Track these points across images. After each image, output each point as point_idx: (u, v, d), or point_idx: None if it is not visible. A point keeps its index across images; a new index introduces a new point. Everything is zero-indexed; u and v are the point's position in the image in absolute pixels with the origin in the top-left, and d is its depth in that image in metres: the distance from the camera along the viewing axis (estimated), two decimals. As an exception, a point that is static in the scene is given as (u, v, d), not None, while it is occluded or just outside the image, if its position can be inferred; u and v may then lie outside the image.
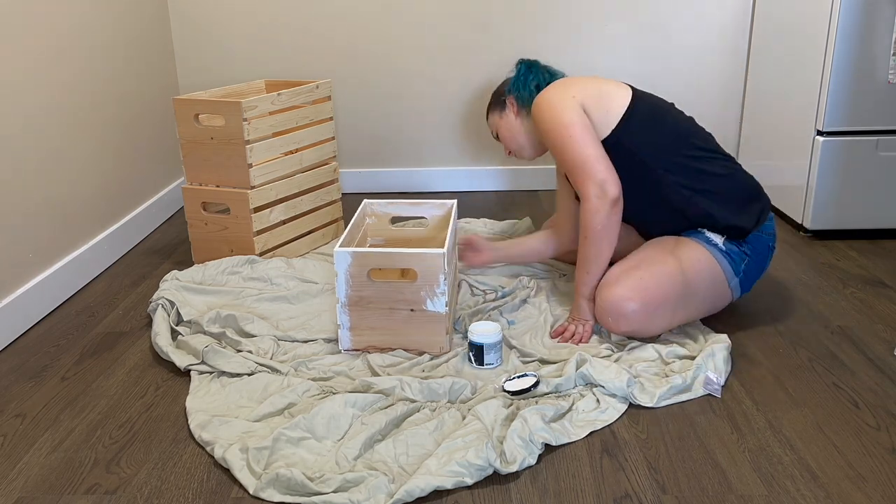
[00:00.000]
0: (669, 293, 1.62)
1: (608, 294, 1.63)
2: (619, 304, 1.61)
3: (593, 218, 1.66)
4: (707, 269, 1.66)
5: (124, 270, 2.22)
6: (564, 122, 1.68)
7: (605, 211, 1.65)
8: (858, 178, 2.23)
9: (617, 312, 1.61)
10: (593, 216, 1.66)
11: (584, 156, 1.66)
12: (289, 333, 1.73)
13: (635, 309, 1.60)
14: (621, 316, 1.61)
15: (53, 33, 2.01)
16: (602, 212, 1.65)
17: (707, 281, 1.66)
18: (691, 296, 1.65)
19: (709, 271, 1.67)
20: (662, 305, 1.61)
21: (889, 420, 1.42)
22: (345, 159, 2.93)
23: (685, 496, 1.23)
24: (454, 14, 2.74)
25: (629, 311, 1.60)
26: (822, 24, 2.17)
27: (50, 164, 1.98)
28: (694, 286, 1.64)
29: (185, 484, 1.28)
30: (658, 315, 1.62)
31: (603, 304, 1.64)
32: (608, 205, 1.65)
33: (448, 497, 1.24)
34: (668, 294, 1.62)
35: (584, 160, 1.66)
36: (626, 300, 1.60)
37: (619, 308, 1.61)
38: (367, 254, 1.60)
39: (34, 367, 1.68)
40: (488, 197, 2.85)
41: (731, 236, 1.71)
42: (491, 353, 1.58)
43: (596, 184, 1.65)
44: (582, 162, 1.66)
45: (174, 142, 2.75)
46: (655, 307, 1.61)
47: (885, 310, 1.86)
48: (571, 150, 1.67)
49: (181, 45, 2.80)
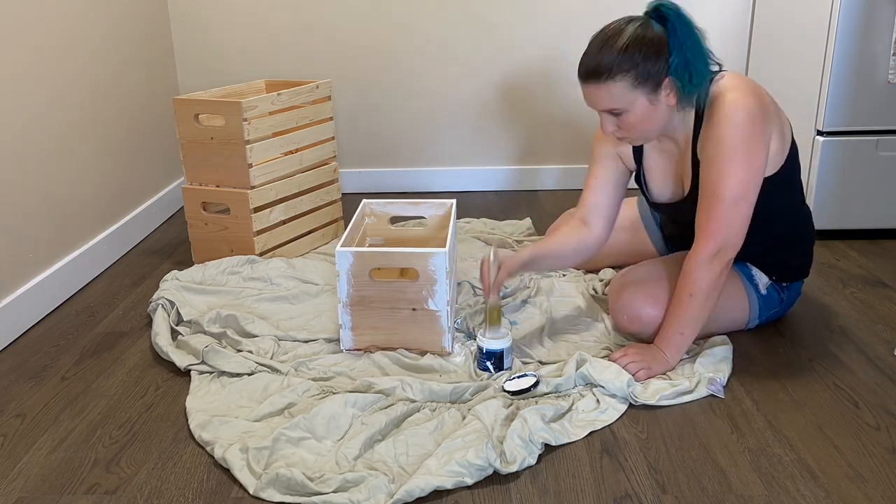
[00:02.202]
0: None
1: (631, 295, 1.62)
2: (639, 309, 1.60)
3: (705, 276, 1.48)
4: (735, 304, 1.64)
5: (124, 270, 2.22)
6: (752, 155, 1.43)
7: (719, 271, 1.49)
8: (858, 178, 2.23)
9: (634, 315, 1.61)
10: (705, 274, 1.48)
11: (738, 209, 1.45)
12: (289, 333, 1.73)
13: (653, 315, 1.60)
14: (637, 319, 1.61)
15: (53, 33, 2.01)
16: (715, 271, 1.49)
17: (728, 316, 1.65)
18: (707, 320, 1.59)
19: (735, 308, 1.65)
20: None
21: (889, 420, 1.42)
22: (345, 159, 2.93)
23: (685, 496, 1.23)
24: (454, 14, 2.74)
25: (646, 316, 1.60)
26: (822, 24, 2.17)
27: (50, 163, 1.98)
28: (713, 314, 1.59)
29: (185, 484, 1.28)
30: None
31: (621, 303, 1.63)
32: (723, 266, 1.49)
33: (448, 497, 1.24)
34: None
35: (733, 213, 1.45)
36: (647, 306, 1.60)
37: (637, 311, 1.61)
38: (369, 253, 1.60)
39: (34, 367, 1.68)
40: (488, 197, 2.85)
41: (781, 279, 1.67)
42: (508, 357, 1.58)
43: (722, 244, 1.47)
44: (730, 213, 1.45)
45: (174, 142, 2.75)
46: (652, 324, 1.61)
47: (885, 310, 1.86)
48: (729, 193, 1.44)
49: (181, 45, 2.80)
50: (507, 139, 2.88)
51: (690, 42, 1.40)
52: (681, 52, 1.39)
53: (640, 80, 1.41)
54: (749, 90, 1.46)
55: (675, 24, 1.39)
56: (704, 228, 1.49)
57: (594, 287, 1.94)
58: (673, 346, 1.54)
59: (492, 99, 2.83)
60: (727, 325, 1.68)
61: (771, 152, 1.50)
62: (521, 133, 2.87)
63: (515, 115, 2.84)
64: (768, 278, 1.67)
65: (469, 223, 2.47)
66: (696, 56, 1.40)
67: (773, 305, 1.70)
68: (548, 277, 2.01)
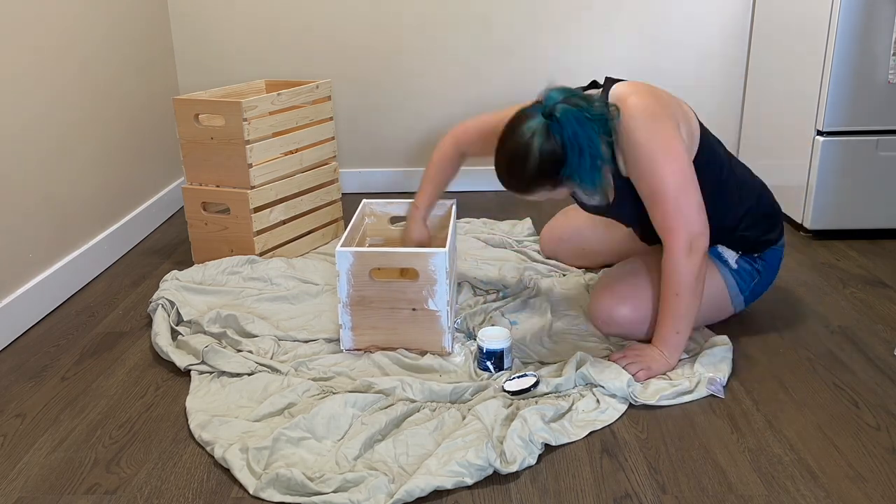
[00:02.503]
0: None
1: (600, 299, 1.67)
2: (611, 310, 1.65)
3: (685, 270, 1.50)
4: (710, 284, 1.64)
5: (124, 270, 2.22)
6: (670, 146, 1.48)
7: (698, 262, 1.50)
8: (858, 178, 2.23)
9: (608, 317, 1.66)
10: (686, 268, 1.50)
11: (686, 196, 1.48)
12: (289, 333, 1.73)
13: (625, 315, 1.63)
14: (611, 320, 1.66)
15: (53, 33, 2.01)
16: (695, 263, 1.50)
17: (708, 299, 1.64)
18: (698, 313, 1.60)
19: (710, 288, 1.64)
20: (653, 313, 1.62)
21: (889, 420, 1.42)
22: (345, 159, 2.93)
23: (685, 496, 1.23)
24: (454, 13, 2.74)
25: (619, 317, 1.64)
26: (822, 24, 2.17)
27: (50, 163, 1.98)
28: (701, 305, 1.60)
29: (185, 484, 1.28)
30: (649, 323, 1.63)
31: (595, 308, 1.68)
32: (700, 256, 1.50)
33: (448, 497, 1.24)
34: None
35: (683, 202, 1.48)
36: (619, 306, 1.64)
37: (609, 313, 1.65)
38: (369, 253, 1.60)
39: (34, 367, 1.68)
40: (488, 197, 2.85)
41: (748, 251, 1.68)
42: (508, 357, 1.58)
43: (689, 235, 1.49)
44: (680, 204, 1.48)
45: (174, 142, 2.75)
46: (646, 315, 1.63)
47: (885, 310, 1.86)
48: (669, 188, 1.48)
49: (181, 45, 2.80)
50: (507, 139, 2.88)
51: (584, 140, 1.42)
52: (583, 156, 1.42)
53: (555, 183, 1.47)
54: (639, 95, 1.50)
55: (565, 129, 1.42)
56: (664, 229, 1.51)
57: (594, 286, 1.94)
58: (671, 345, 1.55)
59: (492, 99, 2.83)
60: (712, 306, 1.68)
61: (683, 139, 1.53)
62: (521, 133, 2.87)
63: (515, 115, 2.84)
64: (735, 252, 1.68)
65: (469, 223, 2.47)
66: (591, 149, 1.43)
67: (750, 277, 1.69)
68: (548, 277, 2.01)
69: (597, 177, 1.45)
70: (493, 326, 1.63)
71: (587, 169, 1.43)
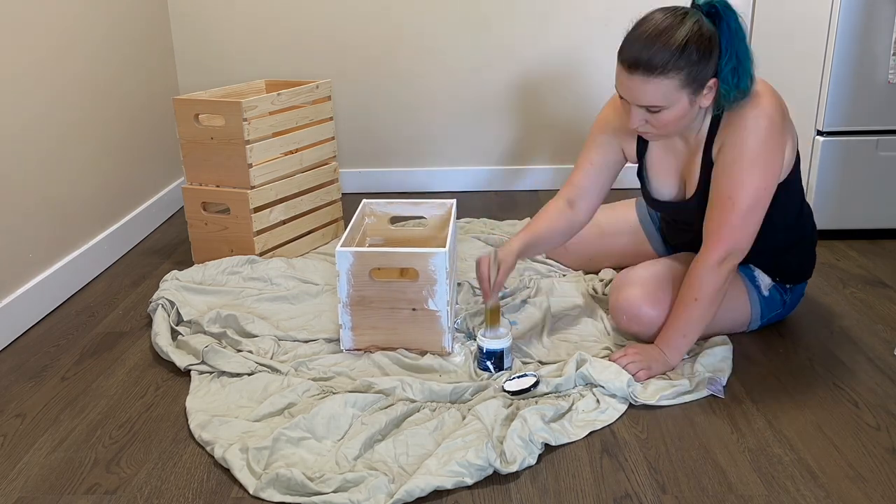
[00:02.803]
0: None
1: (630, 295, 1.60)
2: (639, 309, 1.59)
3: (712, 280, 1.47)
4: (736, 306, 1.63)
5: (124, 270, 2.22)
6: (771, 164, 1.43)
7: (725, 276, 1.48)
8: (858, 178, 2.23)
9: (633, 315, 1.60)
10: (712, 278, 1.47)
11: (752, 217, 1.44)
12: (289, 333, 1.73)
13: (653, 316, 1.58)
14: (637, 319, 1.60)
15: (53, 33, 2.01)
16: (722, 276, 1.48)
17: (729, 316, 1.64)
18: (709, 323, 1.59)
19: (736, 308, 1.64)
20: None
21: (889, 420, 1.42)
22: (345, 159, 2.93)
23: (685, 496, 1.23)
24: (454, 14, 2.74)
25: (645, 316, 1.59)
26: (822, 24, 2.17)
27: (50, 164, 1.98)
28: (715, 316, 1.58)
29: (185, 484, 1.28)
30: None
31: (621, 303, 1.62)
32: (729, 271, 1.48)
33: (448, 497, 1.24)
34: None
35: (747, 220, 1.44)
36: (647, 306, 1.58)
37: (636, 312, 1.59)
38: (369, 253, 1.60)
39: (34, 367, 1.68)
40: (488, 197, 2.85)
41: (785, 280, 1.66)
42: (508, 357, 1.58)
43: (731, 250, 1.46)
44: (743, 220, 1.44)
45: (174, 142, 2.75)
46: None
47: (885, 310, 1.86)
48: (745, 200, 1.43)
49: (181, 45, 2.80)
50: (507, 139, 2.88)
51: (741, 44, 1.36)
52: (732, 55, 1.36)
53: (689, 79, 1.37)
54: (773, 97, 1.45)
55: (729, 22, 1.36)
56: (715, 234, 1.47)
57: (594, 287, 1.94)
58: (674, 347, 1.54)
59: (492, 99, 2.83)
60: (728, 325, 1.67)
61: (784, 160, 1.49)
62: (521, 133, 2.87)
63: (515, 115, 2.84)
64: (771, 280, 1.67)
65: (469, 223, 2.47)
66: (744, 58, 1.37)
67: (775, 307, 1.69)
68: (548, 277, 2.01)
69: (749, 71, 1.36)
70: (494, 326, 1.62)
71: (743, 55, 1.34)
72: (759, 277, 1.66)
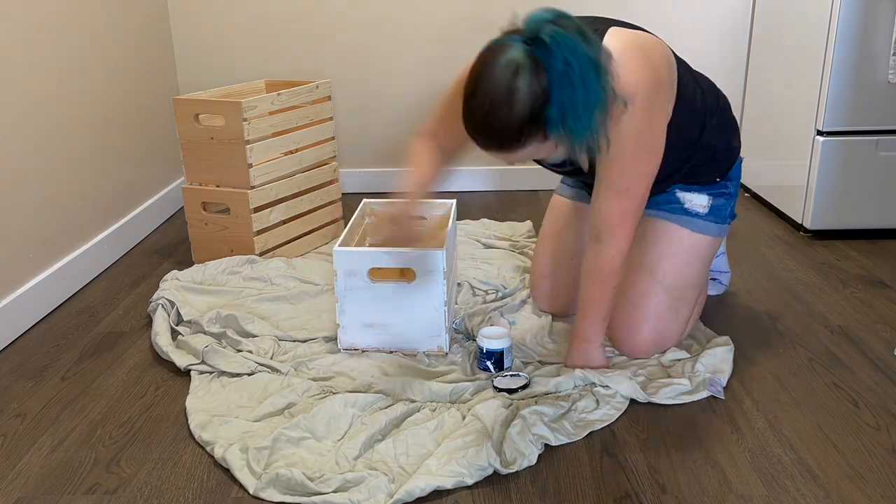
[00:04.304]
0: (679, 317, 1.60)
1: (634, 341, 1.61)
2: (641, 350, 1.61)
3: (608, 265, 1.46)
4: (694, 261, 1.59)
5: (124, 270, 2.22)
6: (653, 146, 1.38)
7: (620, 262, 1.47)
8: (858, 178, 2.23)
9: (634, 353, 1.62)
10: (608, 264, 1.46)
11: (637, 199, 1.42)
12: (289, 333, 1.73)
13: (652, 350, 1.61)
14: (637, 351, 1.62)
15: (53, 33, 2.01)
16: (617, 262, 1.47)
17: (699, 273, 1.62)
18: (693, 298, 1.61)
19: (696, 264, 1.60)
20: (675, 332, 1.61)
21: (889, 420, 1.42)
22: (345, 159, 2.93)
23: (685, 496, 1.23)
24: (454, 14, 2.74)
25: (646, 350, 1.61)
26: (822, 24, 2.17)
27: (50, 163, 1.98)
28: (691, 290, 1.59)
29: (185, 484, 1.28)
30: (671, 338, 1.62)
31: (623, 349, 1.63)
32: (622, 258, 1.47)
33: (448, 497, 1.24)
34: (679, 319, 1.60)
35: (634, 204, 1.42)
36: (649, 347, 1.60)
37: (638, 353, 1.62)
38: (367, 253, 1.60)
39: (34, 367, 1.68)
40: (488, 197, 2.85)
41: (718, 173, 1.58)
42: (508, 357, 1.58)
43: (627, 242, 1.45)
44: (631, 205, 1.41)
45: (174, 142, 2.75)
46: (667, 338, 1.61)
47: (885, 310, 1.86)
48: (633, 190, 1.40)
49: (181, 45, 2.80)
50: (507, 139, 2.88)
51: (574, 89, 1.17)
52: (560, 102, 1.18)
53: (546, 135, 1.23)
54: (641, 61, 1.31)
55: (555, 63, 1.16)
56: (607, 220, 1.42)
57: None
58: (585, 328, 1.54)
59: (492, 99, 2.82)
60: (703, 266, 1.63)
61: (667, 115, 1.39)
62: (521, 133, 2.87)
63: (515, 115, 2.84)
64: (706, 195, 1.59)
65: (469, 223, 2.46)
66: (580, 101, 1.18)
67: (725, 209, 1.61)
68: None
69: (590, 123, 1.19)
70: (492, 326, 1.63)
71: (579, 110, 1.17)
72: (689, 207, 1.58)
